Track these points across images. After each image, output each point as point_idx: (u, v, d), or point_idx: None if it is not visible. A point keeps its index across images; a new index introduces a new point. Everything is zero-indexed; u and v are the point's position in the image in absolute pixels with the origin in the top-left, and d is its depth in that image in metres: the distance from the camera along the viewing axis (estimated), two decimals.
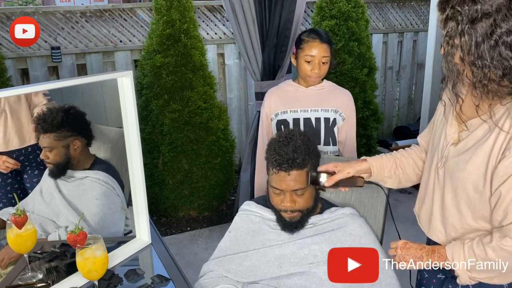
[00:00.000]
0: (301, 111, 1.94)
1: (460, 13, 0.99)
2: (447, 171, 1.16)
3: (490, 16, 0.96)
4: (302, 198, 1.38)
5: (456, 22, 1.00)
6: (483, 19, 0.97)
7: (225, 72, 3.83)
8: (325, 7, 3.50)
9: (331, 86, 1.99)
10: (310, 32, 1.90)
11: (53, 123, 1.35)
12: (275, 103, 1.98)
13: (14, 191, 1.38)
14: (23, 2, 8.99)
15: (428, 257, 1.17)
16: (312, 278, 1.33)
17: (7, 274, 1.28)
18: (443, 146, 1.17)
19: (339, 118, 1.95)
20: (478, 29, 0.97)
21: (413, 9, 4.49)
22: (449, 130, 1.16)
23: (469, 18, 0.98)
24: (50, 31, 3.33)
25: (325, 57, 1.86)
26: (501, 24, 0.96)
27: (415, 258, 1.19)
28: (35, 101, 1.38)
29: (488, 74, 0.99)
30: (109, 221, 1.50)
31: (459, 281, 1.14)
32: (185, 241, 3.04)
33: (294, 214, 1.39)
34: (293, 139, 1.36)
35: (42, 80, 3.31)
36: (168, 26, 3.00)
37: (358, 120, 2.06)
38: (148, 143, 3.12)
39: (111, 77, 1.37)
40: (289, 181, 1.34)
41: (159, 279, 1.33)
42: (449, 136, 1.16)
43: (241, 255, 1.43)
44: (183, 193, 3.19)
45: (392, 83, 4.56)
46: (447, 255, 1.13)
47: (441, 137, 1.19)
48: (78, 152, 1.42)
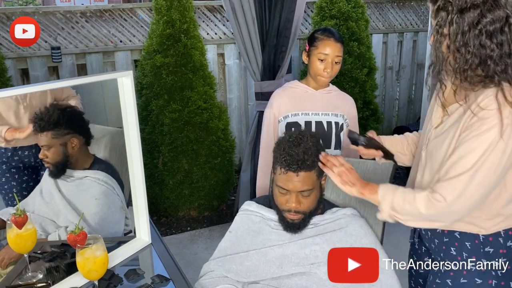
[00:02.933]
0: (313, 114, 1.91)
1: (450, 4, 1.06)
2: (428, 152, 1.24)
3: (478, 7, 1.04)
4: (308, 199, 1.38)
5: (447, 12, 1.07)
6: (471, 10, 1.04)
7: (225, 72, 3.83)
8: (325, 7, 3.50)
9: (337, 90, 1.98)
10: (325, 30, 1.87)
11: (49, 121, 1.35)
12: (285, 104, 1.93)
13: (30, 188, 1.38)
14: (23, 2, 8.99)
15: (361, 188, 1.26)
16: (313, 279, 1.33)
17: (7, 274, 1.28)
18: (428, 129, 1.27)
19: (344, 124, 1.95)
20: (466, 19, 1.05)
21: (413, 9, 4.49)
22: (434, 116, 1.26)
23: (458, 8, 1.05)
24: (50, 31, 3.33)
25: (338, 57, 1.83)
26: (486, 14, 1.04)
27: (349, 183, 1.27)
28: (63, 96, 1.39)
29: (469, 61, 1.07)
30: (109, 221, 1.50)
31: (380, 216, 1.24)
32: (185, 241, 3.04)
33: (297, 216, 1.39)
34: (304, 140, 1.35)
35: (42, 80, 3.31)
36: (168, 26, 3.00)
37: (358, 120, 2.05)
38: (148, 143, 3.12)
39: (111, 77, 1.37)
40: (296, 181, 1.34)
41: (159, 279, 1.33)
42: (433, 121, 1.25)
43: (242, 255, 1.43)
44: (183, 193, 3.19)
45: (392, 83, 4.56)
46: (378, 192, 1.22)
47: (428, 122, 1.29)
48: (76, 151, 1.41)
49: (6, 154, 1.37)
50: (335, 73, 1.87)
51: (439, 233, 1.26)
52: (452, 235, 1.23)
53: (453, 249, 1.23)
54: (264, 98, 2.74)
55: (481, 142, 1.07)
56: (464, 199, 1.10)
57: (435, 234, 1.28)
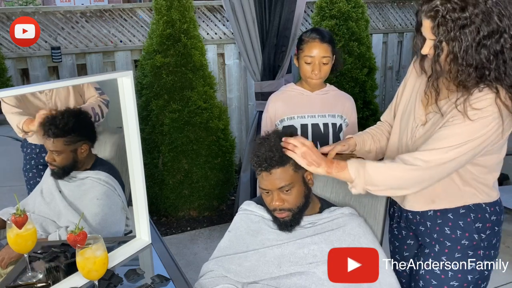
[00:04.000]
0: (309, 117, 1.90)
1: (450, 20, 1.12)
2: (416, 148, 1.31)
3: (475, 22, 1.11)
4: (290, 195, 1.37)
5: (446, 28, 1.13)
6: (471, 25, 1.11)
7: (225, 72, 3.83)
8: (325, 7, 3.49)
9: (335, 90, 1.97)
10: (311, 31, 1.85)
11: (63, 128, 1.35)
12: (280, 108, 1.92)
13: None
14: (23, 2, 8.99)
15: (327, 167, 1.28)
16: (311, 278, 1.34)
17: (7, 274, 1.28)
18: (412, 127, 1.36)
19: (343, 124, 1.93)
20: (465, 34, 1.12)
21: (413, 9, 4.48)
22: (417, 113, 1.35)
23: (459, 25, 1.12)
24: (50, 31, 3.33)
25: (326, 58, 1.81)
26: (484, 28, 1.12)
27: (314, 163, 1.28)
28: (87, 94, 1.40)
29: (469, 71, 1.15)
30: (110, 221, 1.50)
31: (354, 191, 1.29)
32: (185, 241, 3.04)
33: (284, 214, 1.39)
34: (269, 139, 1.36)
35: (42, 80, 3.32)
36: (168, 26, 3.00)
37: (358, 120, 2.05)
38: (148, 143, 3.13)
39: (111, 77, 1.37)
40: (272, 180, 1.34)
41: (159, 279, 1.33)
42: (417, 119, 1.35)
43: (241, 255, 1.43)
44: (183, 193, 3.19)
45: (392, 83, 4.56)
46: (349, 169, 1.26)
47: (409, 118, 1.38)
48: (85, 155, 1.42)
49: (35, 150, 1.39)
50: (325, 73, 1.85)
51: (431, 215, 1.39)
52: (445, 216, 1.36)
53: (447, 228, 1.36)
54: (264, 98, 2.73)
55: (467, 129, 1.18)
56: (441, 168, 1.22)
57: (425, 217, 1.40)
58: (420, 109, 1.35)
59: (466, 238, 1.35)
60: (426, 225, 1.40)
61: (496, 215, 1.37)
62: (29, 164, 1.38)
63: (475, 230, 1.35)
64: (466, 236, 1.35)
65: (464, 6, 1.11)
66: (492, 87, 1.17)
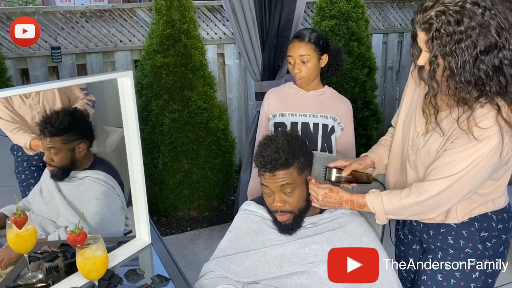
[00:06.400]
0: (300, 115, 1.91)
1: (445, 34, 1.07)
2: (418, 158, 1.31)
3: (472, 36, 1.06)
4: (292, 198, 1.37)
5: (442, 42, 1.08)
6: (467, 40, 1.06)
7: (225, 72, 3.83)
8: (325, 7, 3.49)
9: (332, 93, 1.95)
10: (295, 34, 1.90)
11: (59, 127, 1.35)
12: (273, 103, 1.96)
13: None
14: (23, 2, 8.98)
15: (349, 205, 1.37)
16: (312, 278, 1.34)
17: (7, 274, 1.28)
18: (413, 136, 1.33)
19: (337, 127, 1.92)
20: (461, 49, 1.07)
21: (413, 9, 4.48)
22: (418, 122, 1.32)
23: (454, 40, 1.07)
24: (50, 31, 3.33)
25: (304, 56, 1.81)
26: (481, 43, 1.06)
27: (334, 205, 1.38)
28: (73, 96, 1.39)
29: (467, 86, 1.10)
30: (109, 221, 1.50)
31: (378, 222, 1.36)
32: (185, 241, 3.04)
33: (285, 217, 1.38)
34: (276, 140, 1.36)
35: (42, 80, 3.31)
36: (168, 26, 2.99)
37: (358, 120, 2.04)
38: (148, 143, 3.12)
39: (111, 77, 1.37)
40: (275, 181, 1.34)
41: (159, 279, 1.33)
42: (418, 128, 1.32)
43: (241, 255, 1.43)
44: (183, 193, 3.19)
45: (392, 83, 4.56)
46: (368, 205, 1.33)
47: (410, 126, 1.35)
48: (83, 154, 1.42)
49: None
50: (308, 72, 1.84)
51: (434, 224, 1.36)
52: (448, 225, 1.33)
53: (450, 238, 1.34)
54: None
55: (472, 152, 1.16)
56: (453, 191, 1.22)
57: (428, 225, 1.38)
58: (420, 118, 1.31)
59: (470, 248, 1.32)
60: (429, 233, 1.39)
61: (503, 223, 1.32)
62: (21, 166, 1.37)
63: (479, 240, 1.31)
64: (469, 246, 1.32)
65: (459, 19, 1.05)
66: (493, 104, 1.12)
